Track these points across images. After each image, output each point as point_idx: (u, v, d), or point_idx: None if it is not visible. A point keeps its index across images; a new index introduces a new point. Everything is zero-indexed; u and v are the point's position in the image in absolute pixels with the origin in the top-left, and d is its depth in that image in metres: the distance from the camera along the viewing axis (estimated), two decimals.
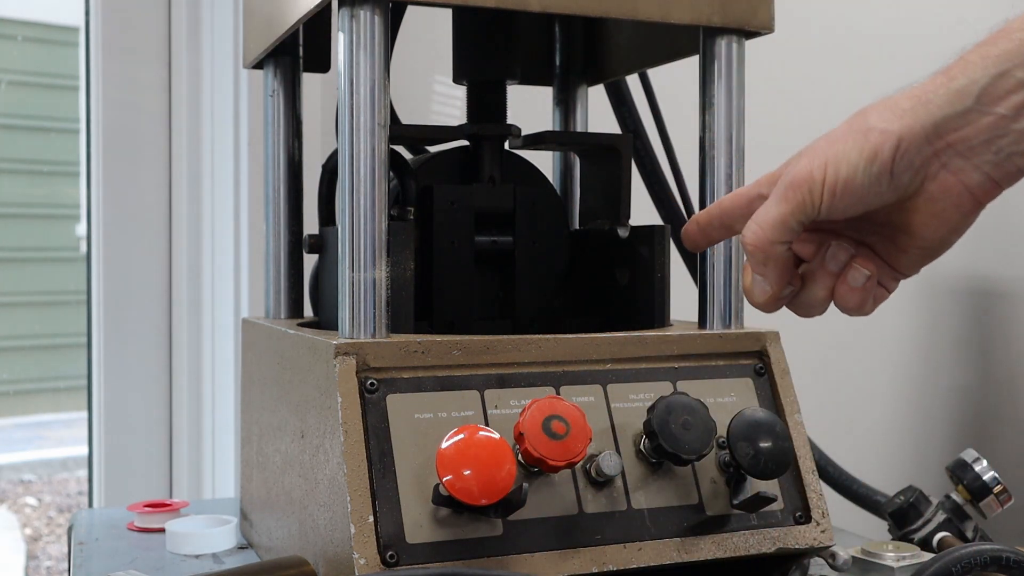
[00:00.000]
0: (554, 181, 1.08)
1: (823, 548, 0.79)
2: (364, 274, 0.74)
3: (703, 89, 0.84)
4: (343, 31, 0.73)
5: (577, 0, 0.77)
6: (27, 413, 2.36)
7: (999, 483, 0.98)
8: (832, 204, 0.63)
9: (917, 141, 0.62)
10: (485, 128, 0.93)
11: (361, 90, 0.73)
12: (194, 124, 1.47)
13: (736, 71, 0.83)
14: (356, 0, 0.73)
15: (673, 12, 0.80)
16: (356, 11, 0.73)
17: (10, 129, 1.95)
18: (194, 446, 1.49)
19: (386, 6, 0.74)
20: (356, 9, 0.73)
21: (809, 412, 0.86)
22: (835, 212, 0.64)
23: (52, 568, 2.43)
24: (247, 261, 1.37)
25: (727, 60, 0.83)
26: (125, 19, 1.47)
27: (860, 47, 1.74)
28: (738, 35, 0.83)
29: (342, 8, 0.73)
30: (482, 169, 0.92)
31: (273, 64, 0.97)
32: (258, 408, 0.93)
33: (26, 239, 1.98)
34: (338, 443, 0.70)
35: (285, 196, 0.97)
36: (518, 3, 0.76)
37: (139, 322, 1.49)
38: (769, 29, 0.83)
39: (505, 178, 0.93)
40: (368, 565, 0.67)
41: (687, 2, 0.80)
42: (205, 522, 0.97)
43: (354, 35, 0.73)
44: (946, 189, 0.61)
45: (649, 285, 0.90)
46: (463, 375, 0.75)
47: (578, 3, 0.77)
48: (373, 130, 0.73)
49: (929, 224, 0.62)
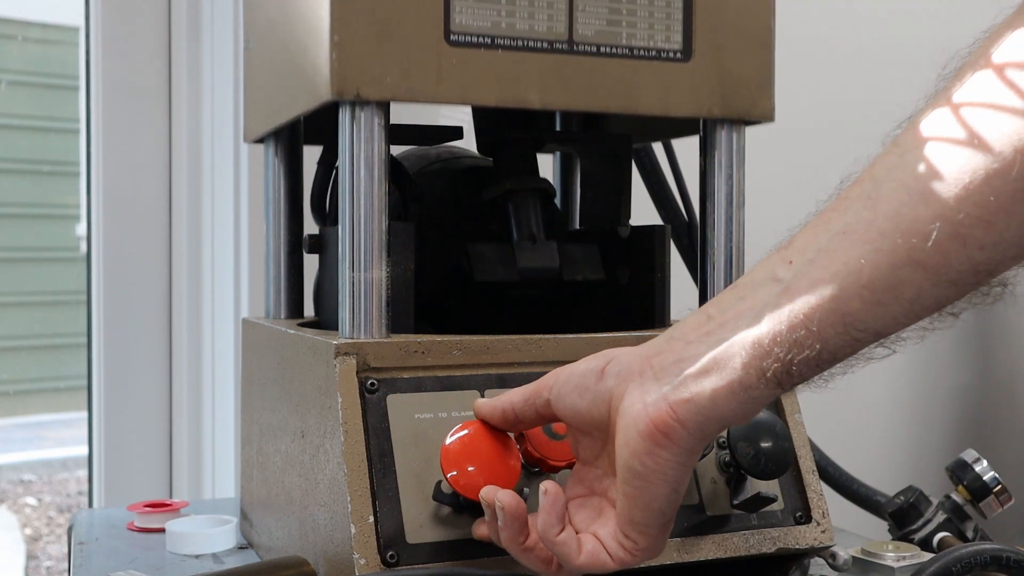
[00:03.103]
0: (554, 181, 1.08)
1: (823, 548, 0.79)
2: (364, 274, 0.74)
3: (703, 176, 0.85)
4: (344, 128, 0.74)
5: (577, 96, 0.78)
6: (27, 413, 2.36)
7: (999, 483, 0.98)
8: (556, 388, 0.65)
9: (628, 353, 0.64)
10: (522, 182, 0.88)
11: (362, 186, 0.74)
12: (194, 124, 1.47)
13: (736, 158, 0.84)
14: (357, 101, 0.73)
15: (673, 106, 0.81)
16: (357, 113, 0.73)
17: (10, 129, 1.95)
18: (194, 446, 1.49)
19: (386, 105, 0.74)
20: (358, 111, 0.73)
21: (809, 412, 0.86)
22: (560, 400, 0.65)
23: (52, 568, 2.43)
24: (247, 261, 1.37)
25: (727, 148, 0.83)
26: (125, 19, 1.46)
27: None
28: (739, 124, 0.83)
29: (342, 107, 0.74)
30: (521, 226, 0.87)
31: (274, 141, 0.97)
32: (258, 408, 0.93)
33: (26, 239, 1.98)
34: (338, 443, 0.70)
35: (285, 196, 0.97)
36: (518, 101, 0.76)
37: (139, 322, 1.49)
38: (769, 119, 0.83)
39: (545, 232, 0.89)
40: (368, 565, 0.67)
41: (687, 96, 0.81)
42: (205, 522, 0.97)
43: (355, 133, 0.74)
44: (632, 403, 0.61)
45: (649, 285, 0.90)
46: (463, 375, 0.75)
47: (578, 99, 0.78)
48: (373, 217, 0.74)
49: (619, 445, 0.62)
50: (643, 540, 0.63)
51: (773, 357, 0.58)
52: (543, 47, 0.77)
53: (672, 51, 0.80)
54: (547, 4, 0.77)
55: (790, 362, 0.57)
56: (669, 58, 0.80)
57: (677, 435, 0.60)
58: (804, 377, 0.59)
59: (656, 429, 0.60)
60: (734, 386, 0.59)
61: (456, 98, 0.75)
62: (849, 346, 0.58)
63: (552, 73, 0.77)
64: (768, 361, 0.58)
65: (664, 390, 0.60)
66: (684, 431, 0.60)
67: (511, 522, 0.64)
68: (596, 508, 0.66)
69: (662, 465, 0.60)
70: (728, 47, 0.81)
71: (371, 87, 0.73)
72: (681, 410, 0.59)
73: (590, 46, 0.78)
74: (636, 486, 0.61)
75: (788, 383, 0.58)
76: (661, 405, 0.60)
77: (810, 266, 0.58)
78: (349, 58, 0.72)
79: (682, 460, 0.61)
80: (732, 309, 0.60)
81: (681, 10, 0.80)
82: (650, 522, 0.62)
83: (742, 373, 0.58)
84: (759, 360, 0.58)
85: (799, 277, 0.58)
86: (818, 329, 0.57)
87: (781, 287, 0.58)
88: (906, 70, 1.83)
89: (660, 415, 0.60)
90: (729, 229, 0.84)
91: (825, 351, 0.57)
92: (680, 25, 0.80)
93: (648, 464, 0.60)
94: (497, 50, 0.76)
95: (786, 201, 1.65)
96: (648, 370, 0.62)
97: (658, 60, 0.80)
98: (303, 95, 0.79)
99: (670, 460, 0.60)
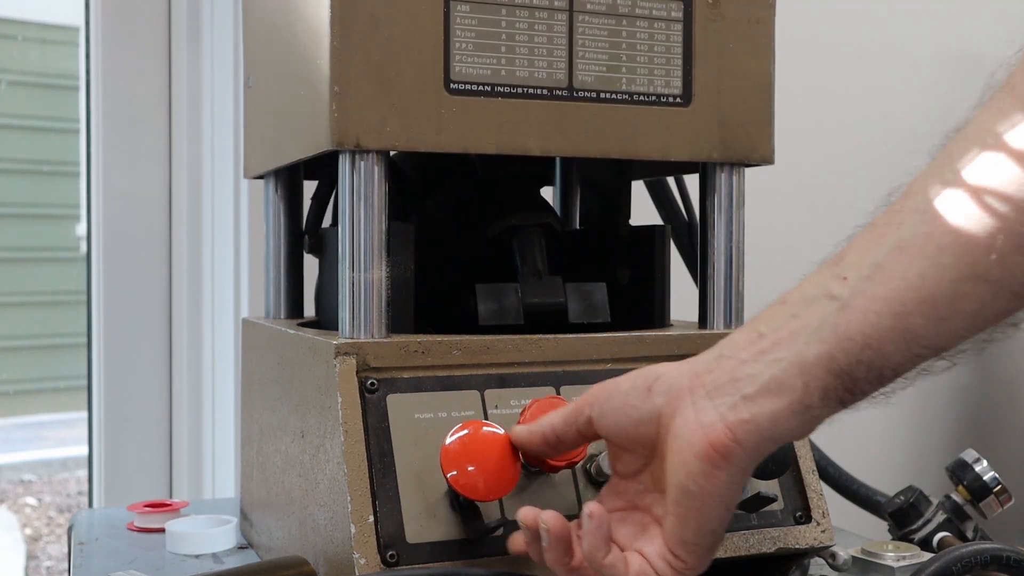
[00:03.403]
0: (554, 181, 1.08)
1: (823, 548, 0.79)
2: (364, 274, 0.74)
3: (703, 216, 0.85)
4: (344, 176, 0.74)
5: (577, 143, 0.78)
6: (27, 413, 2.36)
7: (999, 483, 0.98)
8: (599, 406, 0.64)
9: (675, 370, 0.63)
10: (528, 217, 0.88)
11: (362, 231, 0.74)
12: (194, 124, 1.47)
13: (736, 199, 0.84)
14: (357, 150, 0.73)
15: (673, 150, 0.81)
16: (358, 162, 0.73)
17: (10, 129, 1.95)
18: (194, 446, 1.49)
19: (386, 154, 0.74)
20: (358, 160, 0.73)
21: None
22: (604, 418, 0.64)
23: (52, 568, 2.43)
24: (247, 261, 1.37)
25: (727, 190, 0.84)
26: (125, 19, 1.46)
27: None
28: (738, 167, 0.84)
29: (342, 156, 0.74)
30: (526, 260, 0.86)
31: (274, 177, 0.97)
32: (258, 408, 0.93)
33: (26, 239, 1.98)
34: (338, 443, 0.70)
35: (285, 196, 0.97)
36: (518, 148, 0.76)
37: (139, 322, 1.49)
38: (769, 161, 0.83)
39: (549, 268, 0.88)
40: (368, 565, 0.67)
41: (687, 140, 0.81)
42: (205, 522, 0.97)
43: (355, 181, 0.74)
44: (685, 423, 0.60)
45: (649, 285, 0.90)
46: (463, 375, 0.75)
47: (579, 146, 0.78)
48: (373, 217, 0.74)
49: (672, 465, 0.61)
50: (692, 559, 0.62)
51: (835, 376, 0.57)
52: (543, 94, 0.77)
53: (672, 96, 0.81)
54: (547, 51, 0.77)
55: (852, 381, 0.57)
56: (669, 103, 0.80)
57: (735, 456, 0.59)
58: (865, 394, 0.58)
59: (714, 450, 0.59)
60: (795, 406, 0.58)
61: (456, 146, 0.75)
62: (911, 362, 0.57)
63: (552, 120, 0.77)
64: (830, 380, 0.57)
65: (721, 410, 0.59)
66: (742, 451, 0.59)
67: (556, 544, 0.63)
68: (639, 524, 0.64)
69: (718, 486, 0.60)
70: (728, 92, 0.82)
71: (371, 136, 0.73)
72: (739, 431, 0.59)
73: (590, 92, 0.78)
74: (689, 507, 0.61)
75: (850, 401, 0.58)
76: (718, 426, 0.59)
77: (867, 282, 0.57)
78: (349, 108, 0.72)
79: (737, 480, 0.60)
80: (785, 327, 0.59)
81: (680, 55, 0.81)
82: (701, 541, 0.62)
83: (803, 394, 0.57)
84: (820, 380, 0.57)
85: (856, 294, 0.57)
86: (879, 347, 0.56)
87: (837, 304, 0.57)
88: (906, 70, 1.83)
89: (718, 436, 0.59)
90: (729, 229, 0.84)
91: (887, 368, 0.57)
92: (680, 71, 0.81)
93: (704, 486, 0.60)
94: (497, 98, 0.76)
95: (786, 202, 1.65)
96: (699, 388, 0.61)
97: (658, 105, 0.80)
98: (303, 141, 0.79)
99: (726, 481, 0.60)
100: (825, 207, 1.70)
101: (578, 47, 0.78)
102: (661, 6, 0.80)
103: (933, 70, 1.82)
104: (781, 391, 0.58)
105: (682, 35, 0.81)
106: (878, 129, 1.78)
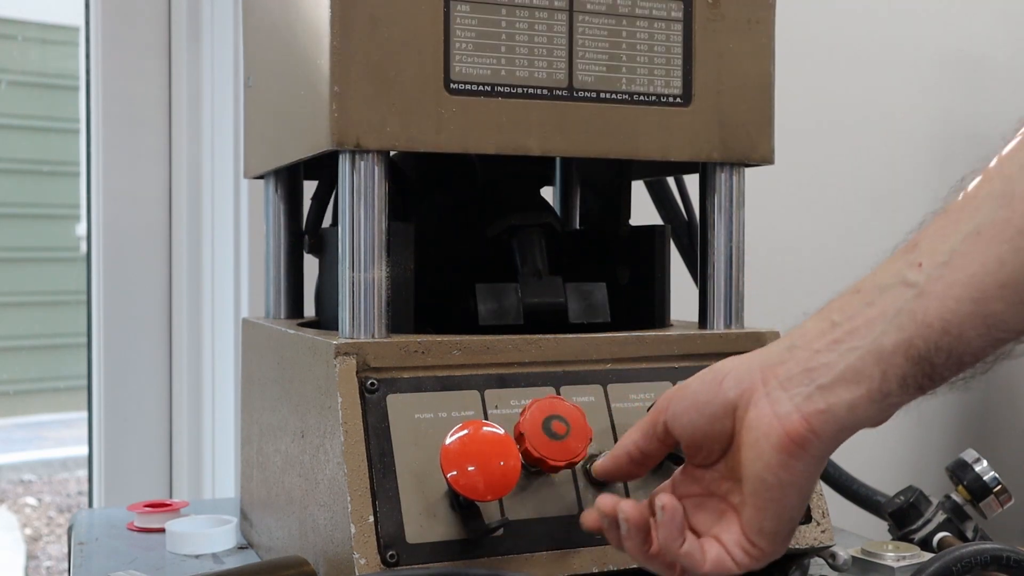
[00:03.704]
0: (554, 181, 1.08)
1: (823, 548, 0.79)
2: (364, 274, 0.74)
3: (703, 216, 0.85)
4: (344, 176, 0.74)
5: (577, 143, 0.78)
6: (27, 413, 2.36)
7: (999, 483, 0.98)
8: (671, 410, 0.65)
9: (745, 364, 0.63)
10: (528, 217, 0.88)
11: (362, 231, 0.74)
12: (194, 124, 1.47)
13: (736, 199, 0.84)
14: (357, 150, 0.73)
15: (673, 150, 0.81)
16: (358, 162, 0.73)
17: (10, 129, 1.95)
18: (194, 446, 1.49)
19: (386, 154, 0.74)
20: (358, 160, 0.73)
21: None
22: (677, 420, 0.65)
23: (52, 568, 2.43)
24: (247, 261, 1.37)
25: (727, 190, 0.84)
26: (125, 19, 1.46)
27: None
28: (738, 167, 0.84)
29: (342, 156, 0.74)
30: (526, 260, 0.86)
31: (273, 177, 0.97)
32: (258, 408, 0.93)
33: (26, 239, 1.98)
34: (338, 443, 0.70)
35: (285, 196, 0.97)
36: (518, 148, 0.77)
37: (139, 322, 1.49)
38: (769, 161, 0.83)
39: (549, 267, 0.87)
40: (368, 565, 0.67)
41: (687, 140, 0.81)
42: (205, 522, 0.97)
43: (355, 181, 0.74)
44: (760, 415, 0.60)
45: (649, 285, 0.90)
46: (463, 375, 0.75)
47: (578, 146, 0.78)
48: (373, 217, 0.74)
49: (748, 457, 0.61)
50: (770, 547, 0.62)
51: (913, 363, 0.57)
52: (543, 94, 0.77)
53: (672, 96, 0.81)
54: (547, 51, 0.77)
55: (931, 367, 0.57)
56: (669, 103, 0.81)
57: (812, 446, 0.59)
58: (944, 379, 0.58)
59: (791, 441, 0.59)
60: (874, 395, 0.58)
61: (456, 146, 0.75)
62: (991, 346, 0.57)
63: (552, 120, 0.77)
64: (908, 368, 0.57)
65: (796, 401, 0.59)
66: (819, 441, 0.59)
67: (635, 533, 0.63)
68: (716, 511, 0.65)
69: (796, 476, 0.60)
70: (728, 92, 0.82)
71: (371, 137, 0.73)
72: (816, 421, 0.59)
73: (590, 92, 0.78)
74: (768, 498, 0.61)
75: (929, 387, 0.58)
76: (794, 417, 0.59)
77: (944, 268, 0.56)
78: (349, 108, 0.72)
79: (813, 469, 0.60)
80: (861, 315, 0.59)
81: (680, 55, 0.81)
82: (780, 529, 0.62)
83: (881, 382, 0.58)
84: (899, 368, 0.57)
85: (933, 280, 0.57)
86: (959, 332, 0.56)
87: (914, 291, 0.57)
88: (906, 70, 1.83)
89: (794, 427, 0.59)
90: (729, 229, 0.84)
91: (967, 354, 0.57)
92: (680, 71, 0.81)
93: (782, 476, 0.60)
94: (497, 98, 0.76)
95: (786, 202, 1.65)
96: (772, 380, 0.61)
97: (658, 105, 0.80)
98: (303, 141, 0.79)
99: (803, 471, 0.60)
100: (825, 207, 1.71)
101: (578, 47, 0.78)
102: (661, 6, 0.80)
103: (933, 70, 1.82)
104: (858, 380, 0.58)
105: (682, 35, 0.81)
106: (878, 129, 1.78)
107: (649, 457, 0.68)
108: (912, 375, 0.57)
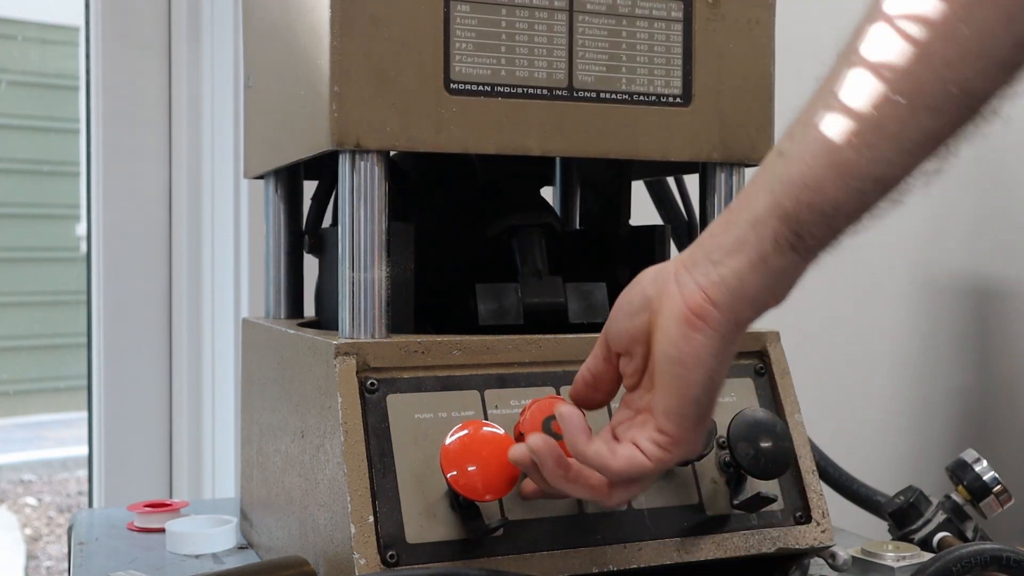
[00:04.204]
0: (554, 181, 1.08)
1: (823, 548, 0.79)
2: (364, 274, 0.74)
3: (703, 216, 0.85)
4: (344, 177, 0.74)
5: (577, 143, 0.78)
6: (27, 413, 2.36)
7: (999, 483, 0.98)
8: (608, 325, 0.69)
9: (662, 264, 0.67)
10: (528, 217, 0.88)
11: (362, 231, 0.74)
12: (194, 124, 1.47)
13: None
14: (357, 150, 0.73)
15: (673, 150, 0.81)
16: (358, 162, 0.73)
17: (10, 129, 1.95)
18: (194, 446, 1.49)
19: (386, 154, 0.74)
20: (358, 160, 0.73)
21: (809, 412, 0.86)
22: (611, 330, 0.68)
23: (52, 568, 2.43)
24: (247, 261, 1.37)
25: (727, 190, 0.84)
26: (125, 19, 1.46)
27: None
28: (738, 167, 0.84)
29: (342, 156, 0.74)
30: (526, 260, 0.86)
31: (274, 177, 0.97)
32: (258, 408, 0.93)
33: (26, 239, 1.98)
34: (338, 443, 0.70)
35: (285, 196, 0.97)
36: (518, 148, 0.77)
37: (139, 322, 1.49)
38: None
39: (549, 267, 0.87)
40: (368, 565, 0.67)
41: (687, 140, 0.81)
42: (205, 522, 0.97)
43: (355, 181, 0.74)
44: (670, 300, 0.64)
45: None
46: (463, 375, 0.75)
47: (579, 146, 0.78)
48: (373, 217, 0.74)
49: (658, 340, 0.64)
50: (677, 431, 0.64)
51: (782, 222, 0.60)
52: (543, 94, 0.77)
53: (672, 96, 0.81)
54: (547, 51, 0.77)
55: (799, 224, 0.60)
56: (669, 103, 0.81)
57: (711, 317, 0.62)
58: (816, 238, 0.61)
59: (691, 312, 0.62)
60: (754, 261, 0.61)
61: (456, 146, 0.75)
62: (854, 199, 0.60)
63: (552, 120, 0.77)
64: (779, 227, 0.60)
65: (697, 279, 0.63)
66: (717, 312, 0.62)
67: (548, 458, 0.65)
68: (640, 423, 0.67)
69: (697, 349, 0.62)
70: (727, 92, 0.82)
71: (371, 137, 0.73)
72: (712, 292, 0.62)
73: (590, 92, 0.79)
74: (672, 374, 0.63)
75: (801, 246, 0.61)
76: (695, 291, 0.63)
77: (805, 129, 0.61)
78: (349, 108, 0.72)
79: (717, 346, 0.63)
80: (746, 193, 0.63)
81: (680, 55, 0.81)
82: (685, 411, 0.64)
83: (757, 245, 0.61)
84: (770, 229, 0.61)
85: (796, 143, 0.61)
86: (817, 184, 0.59)
87: (783, 159, 0.61)
88: None
89: (694, 299, 0.62)
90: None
91: (828, 206, 0.60)
92: (680, 71, 0.81)
93: (684, 349, 0.63)
94: (497, 98, 0.76)
95: None
96: (682, 269, 0.64)
97: (658, 105, 0.80)
98: (303, 141, 0.79)
99: (705, 344, 0.62)
100: None
101: (578, 47, 0.78)
102: (661, 6, 0.80)
103: None
104: (741, 248, 0.62)
105: (682, 35, 0.81)
106: None
107: (600, 379, 0.70)
108: (783, 234, 0.60)
